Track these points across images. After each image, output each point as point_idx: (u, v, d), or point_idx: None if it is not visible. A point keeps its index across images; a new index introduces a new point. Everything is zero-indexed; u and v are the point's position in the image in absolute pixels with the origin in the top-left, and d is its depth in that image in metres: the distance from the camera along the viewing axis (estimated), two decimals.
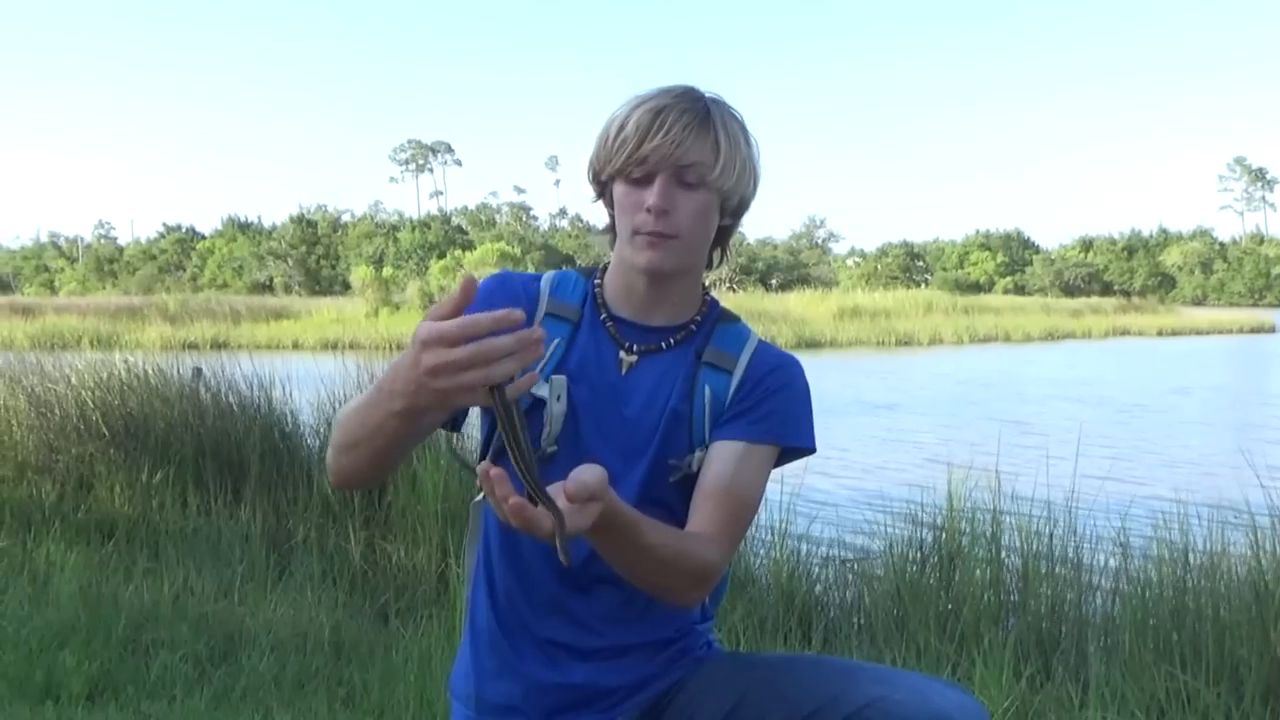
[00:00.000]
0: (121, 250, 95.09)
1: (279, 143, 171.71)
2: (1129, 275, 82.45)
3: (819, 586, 4.38)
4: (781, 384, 1.66)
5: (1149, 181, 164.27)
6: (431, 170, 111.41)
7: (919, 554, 4.21)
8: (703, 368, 1.66)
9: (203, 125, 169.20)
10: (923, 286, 64.73)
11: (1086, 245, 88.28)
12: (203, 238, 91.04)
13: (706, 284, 1.75)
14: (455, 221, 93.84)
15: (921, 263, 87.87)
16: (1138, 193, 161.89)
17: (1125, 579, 3.89)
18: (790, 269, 78.82)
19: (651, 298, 1.66)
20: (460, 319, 1.19)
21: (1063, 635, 3.82)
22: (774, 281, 70.53)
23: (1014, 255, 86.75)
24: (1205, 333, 40.51)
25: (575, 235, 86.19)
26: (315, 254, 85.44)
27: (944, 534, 4.22)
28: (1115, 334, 38.68)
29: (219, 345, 24.43)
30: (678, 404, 1.64)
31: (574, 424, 1.62)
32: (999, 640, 3.56)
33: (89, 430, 5.95)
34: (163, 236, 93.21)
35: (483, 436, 1.71)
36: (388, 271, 45.49)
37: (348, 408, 1.48)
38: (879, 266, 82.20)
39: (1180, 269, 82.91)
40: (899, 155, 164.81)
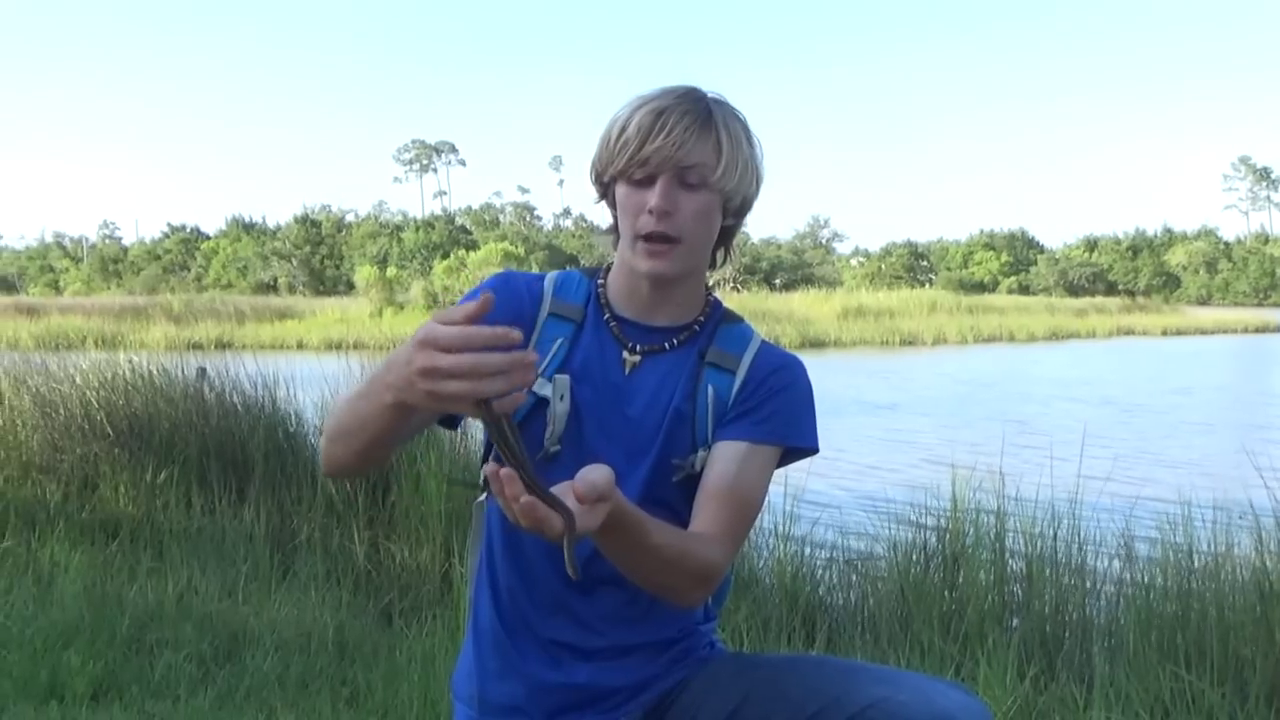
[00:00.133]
0: (126, 250, 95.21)
1: (283, 143, 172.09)
2: (1133, 275, 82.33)
3: (823, 587, 4.37)
4: (784, 384, 1.66)
5: (1153, 181, 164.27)
6: (435, 170, 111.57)
7: (923, 554, 4.21)
8: (706, 368, 1.66)
9: (207, 126, 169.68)
10: (927, 286, 64.65)
11: (1091, 245, 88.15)
12: (207, 238, 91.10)
13: (710, 284, 1.76)
14: (459, 221, 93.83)
15: (926, 262, 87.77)
16: (1142, 192, 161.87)
17: (1129, 579, 3.88)
18: (794, 269, 78.68)
19: (655, 299, 1.67)
20: (459, 329, 1.19)
21: (1067, 635, 3.81)
22: (778, 281, 70.45)
23: (1018, 255, 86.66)
24: (1210, 332, 40.45)
25: (579, 235, 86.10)
26: (319, 254, 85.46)
27: (948, 534, 4.22)
28: (1120, 334, 38.64)
29: (223, 345, 24.46)
30: (681, 404, 1.64)
31: (577, 424, 1.62)
32: (1003, 640, 3.56)
33: (93, 430, 5.96)
34: (167, 237, 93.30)
35: (485, 437, 1.71)
36: (392, 271, 45.47)
37: (343, 397, 1.49)
38: (883, 266, 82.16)
39: (1185, 269, 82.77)
40: (903, 155, 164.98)
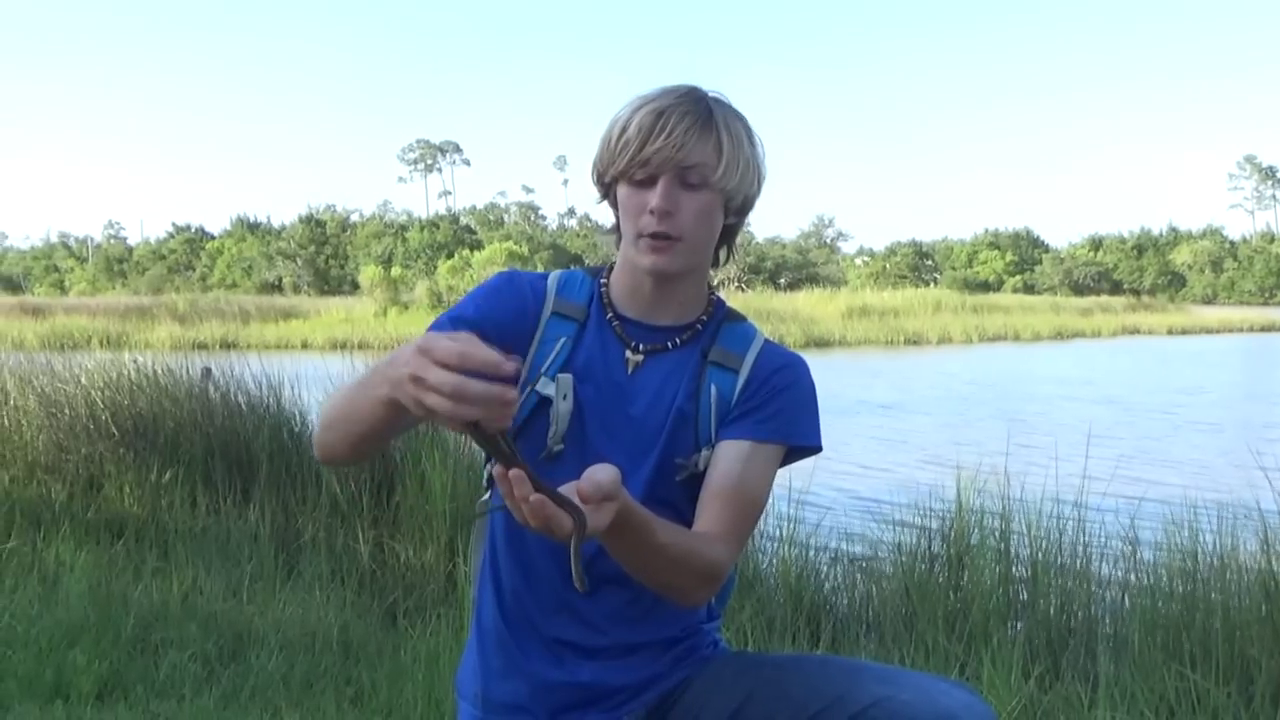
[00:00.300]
0: (131, 250, 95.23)
1: (288, 143, 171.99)
2: (1139, 274, 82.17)
3: (827, 586, 4.38)
4: (787, 383, 1.66)
5: (1159, 180, 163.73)
6: (440, 170, 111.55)
7: (927, 554, 4.21)
8: (709, 367, 1.66)
9: (211, 126, 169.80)
10: (931, 285, 64.52)
11: (1096, 244, 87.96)
12: (212, 238, 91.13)
13: (714, 283, 1.75)
14: (464, 221, 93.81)
15: (930, 262, 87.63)
16: (1147, 191, 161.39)
17: (1134, 579, 3.88)
18: (799, 268, 78.61)
19: (657, 298, 1.66)
20: (457, 346, 1.18)
21: (1071, 635, 3.81)
22: (783, 281, 70.39)
23: (1023, 254, 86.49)
24: (1215, 331, 40.42)
25: (583, 235, 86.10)
26: (324, 254, 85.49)
27: (952, 534, 4.22)
28: (1125, 333, 38.61)
29: (228, 345, 24.56)
30: (684, 403, 1.64)
31: (580, 423, 1.63)
32: (1008, 640, 3.56)
33: (98, 430, 5.97)
34: (172, 237, 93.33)
35: None
36: (396, 271, 45.52)
37: (342, 386, 1.49)
38: (888, 265, 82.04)
39: (1190, 268, 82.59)
40: (908, 154, 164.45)
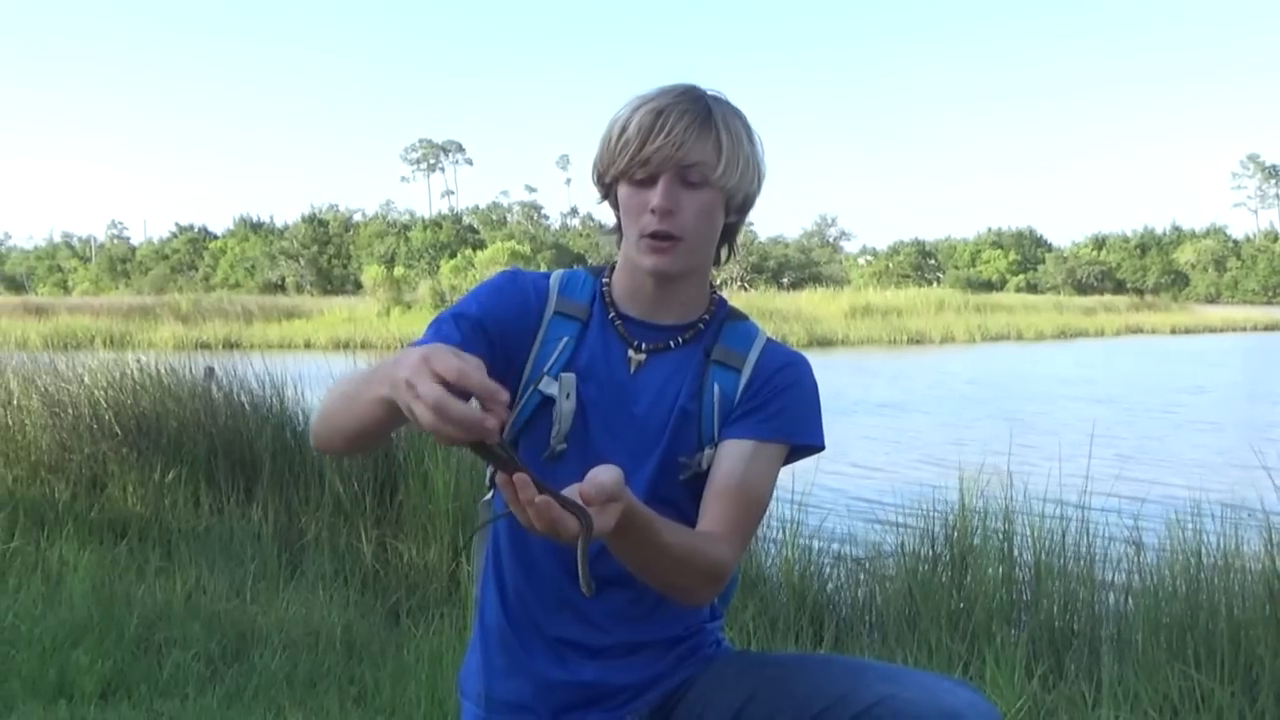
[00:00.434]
0: (134, 250, 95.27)
1: (290, 143, 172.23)
2: (1142, 273, 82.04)
3: (830, 585, 4.37)
4: (790, 382, 1.66)
5: (1162, 179, 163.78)
6: (443, 170, 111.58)
7: (931, 553, 4.20)
8: (711, 366, 1.66)
9: (214, 126, 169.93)
10: (935, 285, 64.44)
11: (1099, 243, 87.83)
12: (215, 237, 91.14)
13: (716, 283, 1.75)
14: (466, 221, 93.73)
15: (933, 261, 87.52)
16: (1151, 190, 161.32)
17: (1138, 578, 3.87)
18: (802, 267, 78.48)
19: (659, 297, 1.66)
20: (458, 364, 1.17)
21: (1075, 634, 3.81)
22: (785, 280, 70.31)
23: (1026, 253, 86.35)
24: (1219, 330, 40.39)
25: (586, 234, 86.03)
26: (327, 253, 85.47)
27: (956, 533, 4.22)
28: (1128, 332, 38.56)
29: (231, 345, 24.55)
30: (686, 402, 1.64)
31: (583, 422, 1.62)
32: (1011, 639, 3.55)
33: (102, 430, 5.97)
34: (175, 236, 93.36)
35: None
36: (399, 271, 45.52)
37: (346, 377, 1.49)
38: (891, 265, 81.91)
39: (1194, 267, 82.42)
40: (910, 154, 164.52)
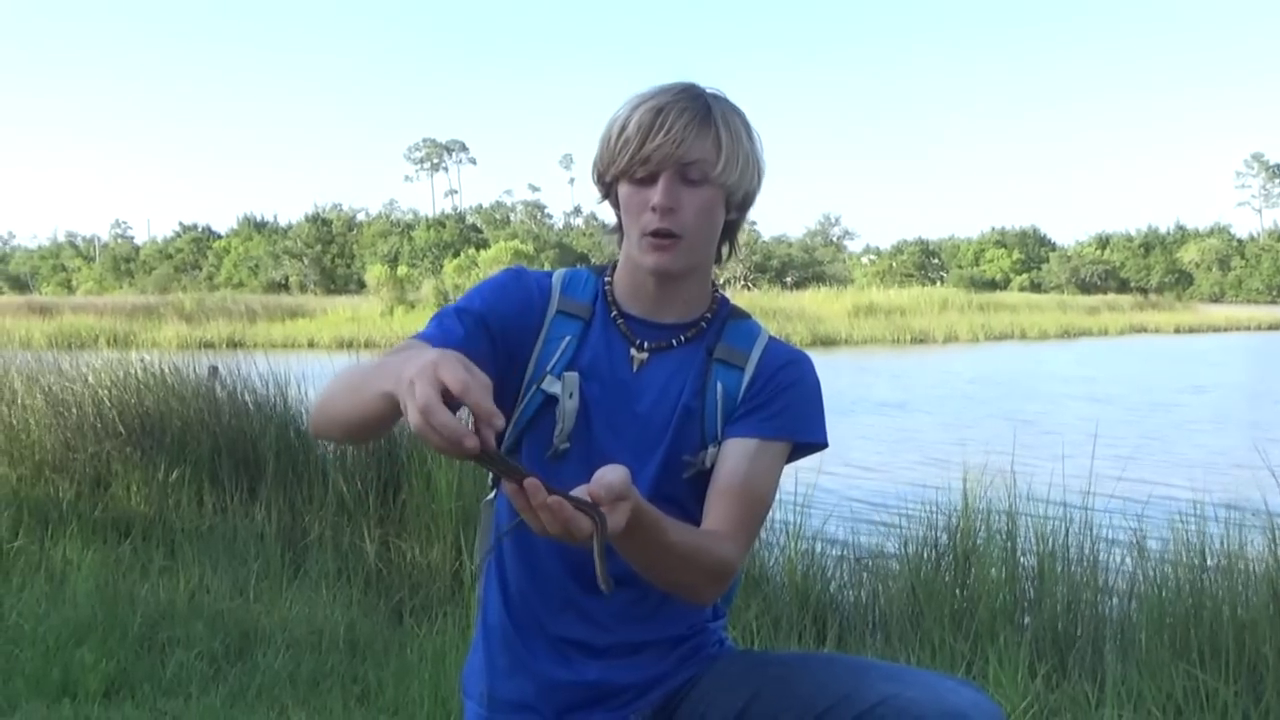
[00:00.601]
0: (138, 250, 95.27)
1: (294, 142, 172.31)
2: (1146, 272, 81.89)
3: (834, 584, 4.37)
4: (793, 380, 1.66)
5: (1166, 178, 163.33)
6: (446, 169, 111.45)
7: (934, 552, 4.20)
8: (714, 364, 1.66)
9: (218, 126, 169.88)
10: (938, 284, 64.36)
11: (1103, 242, 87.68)
12: (219, 237, 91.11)
13: (720, 282, 1.75)
14: (470, 220, 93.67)
15: (937, 260, 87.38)
16: (1154, 190, 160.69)
17: (1141, 577, 3.87)
18: (805, 267, 78.40)
19: (661, 296, 1.66)
20: (464, 377, 1.19)
21: (1079, 634, 3.80)
22: (789, 279, 70.23)
23: (1030, 252, 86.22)
24: (1223, 330, 40.31)
25: (589, 233, 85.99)
26: (330, 253, 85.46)
27: (959, 532, 4.21)
28: (1132, 331, 38.50)
29: (235, 344, 24.56)
30: (689, 400, 1.64)
31: (586, 421, 1.62)
32: (1014, 638, 3.55)
33: (106, 429, 5.98)
34: (179, 236, 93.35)
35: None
36: (403, 270, 45.58)
37: (350, 369, 1.50)
38: (894, 264, 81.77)
39: (1197, 266, 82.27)
40: (914, 152, 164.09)
